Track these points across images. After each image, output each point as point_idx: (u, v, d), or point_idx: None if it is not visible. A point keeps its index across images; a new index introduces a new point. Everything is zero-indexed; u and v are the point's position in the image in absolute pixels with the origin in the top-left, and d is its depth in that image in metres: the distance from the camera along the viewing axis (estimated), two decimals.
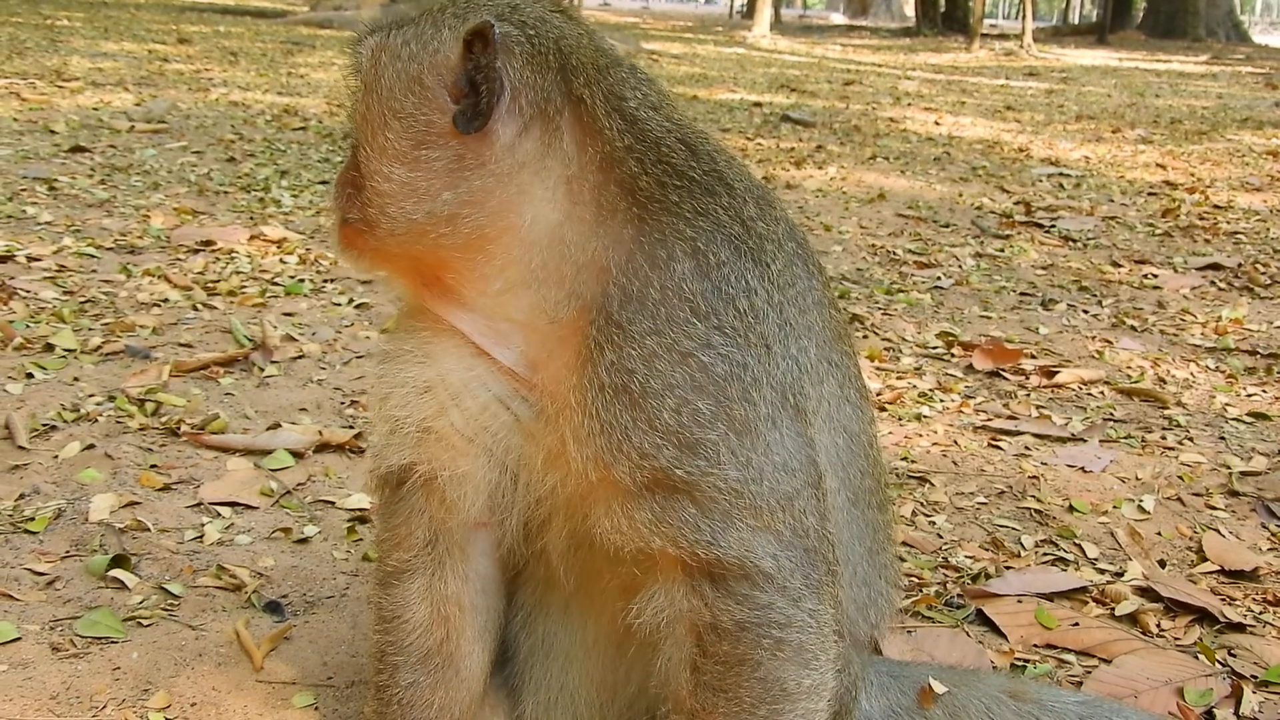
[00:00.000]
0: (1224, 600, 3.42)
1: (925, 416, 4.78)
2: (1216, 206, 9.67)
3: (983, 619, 3.29)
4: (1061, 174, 11.06)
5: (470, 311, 2.01)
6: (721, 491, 1.86)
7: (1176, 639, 3.22)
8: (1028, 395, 5.09)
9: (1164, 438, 4.65)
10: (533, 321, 1.96)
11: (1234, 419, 4.91)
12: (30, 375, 4.42)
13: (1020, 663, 3.09)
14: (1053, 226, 8.63)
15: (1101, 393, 5.17)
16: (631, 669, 2.20)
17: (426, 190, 1.93)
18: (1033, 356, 5.56)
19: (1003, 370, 5.36)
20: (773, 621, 1.90)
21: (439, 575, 2.17)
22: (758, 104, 15.60)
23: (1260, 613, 3.37)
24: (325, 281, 6.02)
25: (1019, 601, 3.35)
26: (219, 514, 3.55)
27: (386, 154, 1.95)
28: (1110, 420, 4.85)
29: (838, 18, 62.07)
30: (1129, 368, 5.51)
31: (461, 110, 1.92)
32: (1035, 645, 3.17)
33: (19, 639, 2.83)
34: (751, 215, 2.02)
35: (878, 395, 4.93)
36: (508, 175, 1.92)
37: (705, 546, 1.86)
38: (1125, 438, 4.64)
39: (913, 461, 4.29)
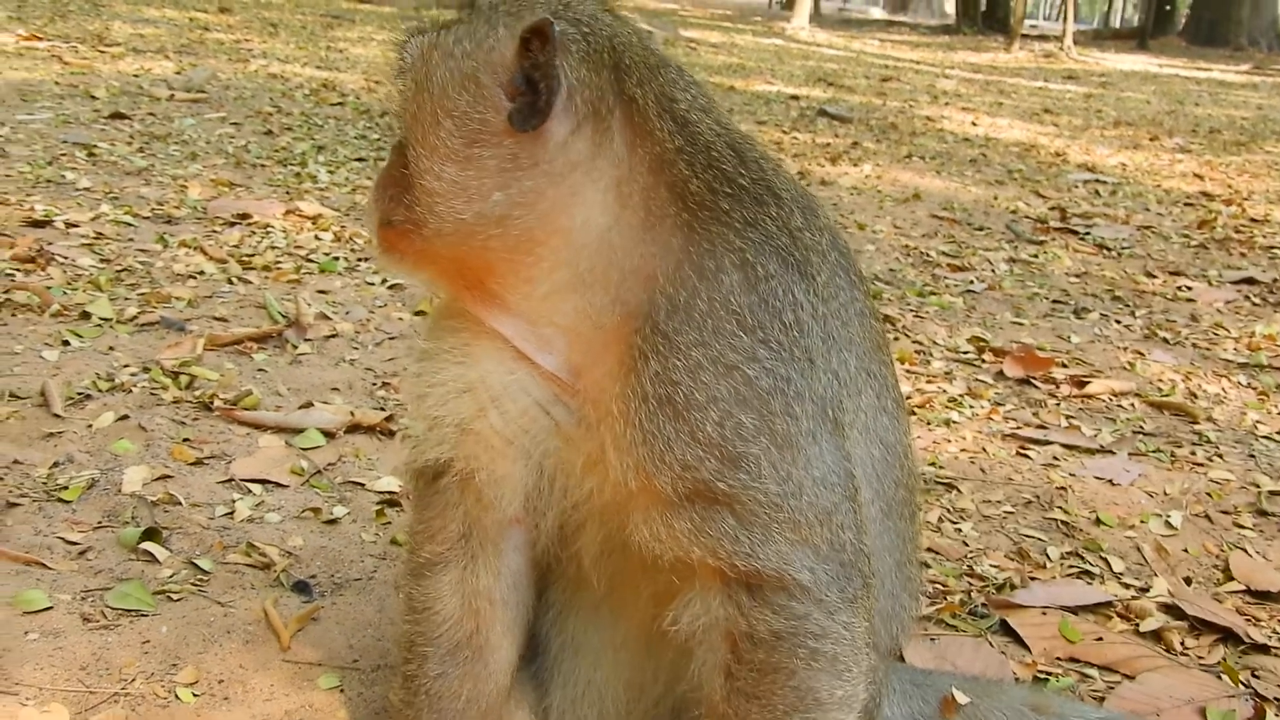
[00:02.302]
0: (1249, 620, 3.41)
1: (954, 422, 4.77)
2: (1253, 220, 9.58)
3: (1006, 629, 3.29)
4: (1098, 180, 10.99)
5: (513, 315, 2.00)
6: (762, 505, 1.86)
7: (1200, 658, 3.22)
8: (1058, 404, 5.07)
9: (1193, 453, 4.63)
10: (577, 327, 1.95)
11: (1265, 437, 4.88)
12: (66, 342, 4.45)
13: (1043, 675, 3.09)
14: (1087, 233, 8.57)
15: (1132, 405, 5.15)
16: (659, 669, 2.21)
17: (478, 190, 1.92)
18: (1064, 365, 5.54)
19: (1033, 378, 5.34)
20: (808, 632, 1.90)
21: (471, 569, 2.18)
22: (794, 97, 15.54)
23: None
24: (359, 260, 6.04)
25: (1043, 613, 3.35)
26: (250, 491, 3.58)
27: (438, 153, 1.93)
28: (1140, 433, 4.83)
29: (877, 12, 61.65)
30: (1160, 380, 5.48)
31: (518, 108, 1.90)
32: (1058, 658, 3.18)
33: (50, 608, 2.86)
34: (798, 226, 2.01)
35: (907, 399, 4.92)
36: (560, 176, 1.91)
37: (744, 558, 1.87)
38: (1154, 451, 4.62)
39: (940, 467, 4.29)
